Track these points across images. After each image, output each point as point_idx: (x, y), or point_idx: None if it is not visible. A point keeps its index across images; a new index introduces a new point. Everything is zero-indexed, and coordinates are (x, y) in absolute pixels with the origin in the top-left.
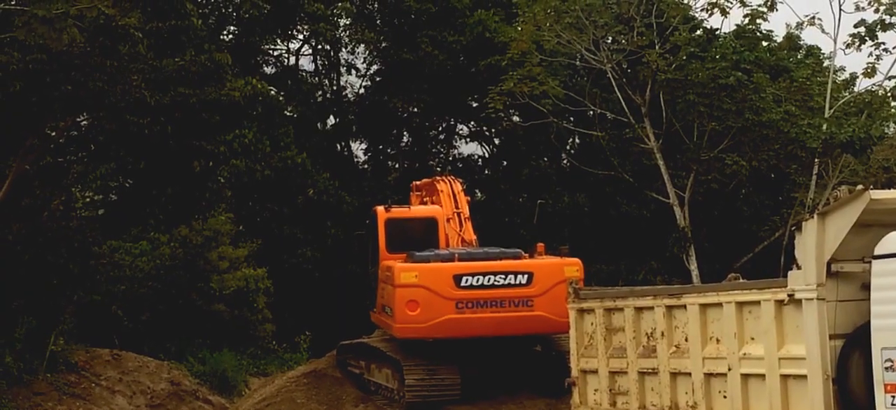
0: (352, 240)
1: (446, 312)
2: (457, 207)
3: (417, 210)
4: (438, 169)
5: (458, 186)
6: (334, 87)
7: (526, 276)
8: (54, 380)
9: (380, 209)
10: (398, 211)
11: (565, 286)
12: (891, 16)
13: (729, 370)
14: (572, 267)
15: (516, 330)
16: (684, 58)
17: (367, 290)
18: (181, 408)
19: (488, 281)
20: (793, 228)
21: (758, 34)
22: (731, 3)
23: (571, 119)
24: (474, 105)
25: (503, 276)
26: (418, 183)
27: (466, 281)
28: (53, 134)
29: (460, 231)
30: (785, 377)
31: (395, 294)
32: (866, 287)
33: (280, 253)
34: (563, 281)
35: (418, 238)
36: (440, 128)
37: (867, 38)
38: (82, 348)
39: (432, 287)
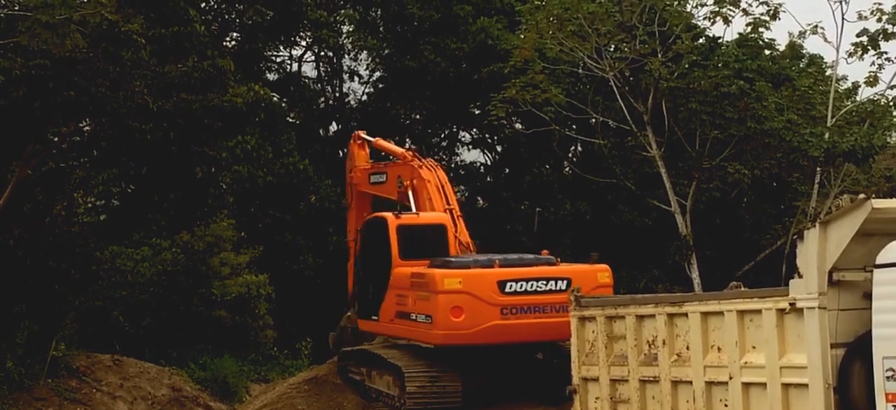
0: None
1: (492, 318)
2: (448, 204)
3: (427, 216)
4: None
5: (443, 175)
6: (337, 94)
7: (565, 282)
8: (55, 386)
9: (389, 216)
10: (408, 218)
11: (601, 290)
12: (893, 25)
13: (730, 378)
14: (604, 272)
15: (556, 336)
16: (687, 66)
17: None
18: None
19: (531, 287)
20: (794, 237)
21: (760, 43)
22: (734, 11)
23: (574, 126)
24: (477, 112)
25: (545, 282)
26: (384, 144)
27: (510, 287)
28: (56, 139)
29: (455, 232)
30: (786, 385)
31: (438, 300)
32: (868, 296)
33: (282, 260)
34: (599, 286)
35: (429, 244)
36: (442, 136)
37: (869, 48)
38: (83, 353)
39: (477, 293)
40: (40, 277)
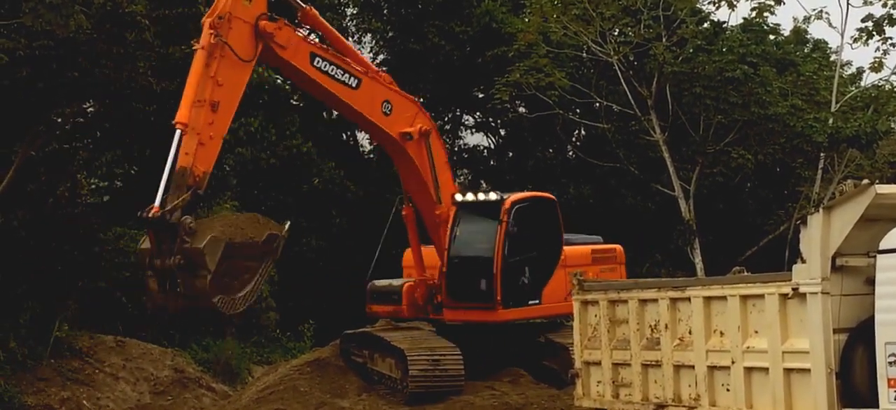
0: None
1: None
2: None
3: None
4: None
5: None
6: None
7: None
8: (58, 366)
9: (551, 196)
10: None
11: None
12: None
13: (732, 363)
14: None
15: None
16: (691, 50)
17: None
18: (184, 395)
19: None
20: (798, 222)
21: (765, 28)
22: None
23: (577, 111)
24: (480, 96)
25: None
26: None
27: None
28: (59, 120)
29: None
30: (788, 370)
31: None
32: (870, 281)
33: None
34: None
35: None
36: (446, 119)
37: (874, 33)
38: (86, 334)
39: None
40: (43, 258)
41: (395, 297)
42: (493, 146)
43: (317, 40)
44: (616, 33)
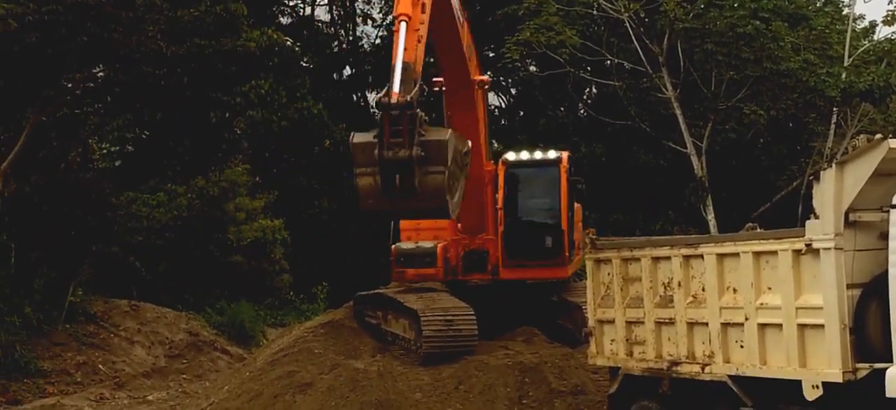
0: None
1: None
2: None
3: None
4: None
5: None
6: (350, 38)
7: None
8: (74, 331)
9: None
10: None
11: None
12: None
13: (746, 319)
14: None
15: None
16: (702, 6)
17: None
18: (199, 358)
19: None
20: (811, 178)
21: None
22: None
23: (588, 68)
24: (491, 55)
25: None
26: None
27: None
28: (69, 85)
29: None
30: (802, 326)
31: None
32: (884, 236)
33: (297, 204)
34: None
35: None
36: None
37: None
38: (101, 299)
39: None
40: (56, 223)
41: (429, 259)
42: (504, 105)
43: None
44: None
